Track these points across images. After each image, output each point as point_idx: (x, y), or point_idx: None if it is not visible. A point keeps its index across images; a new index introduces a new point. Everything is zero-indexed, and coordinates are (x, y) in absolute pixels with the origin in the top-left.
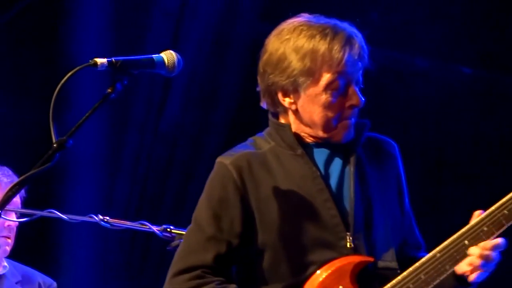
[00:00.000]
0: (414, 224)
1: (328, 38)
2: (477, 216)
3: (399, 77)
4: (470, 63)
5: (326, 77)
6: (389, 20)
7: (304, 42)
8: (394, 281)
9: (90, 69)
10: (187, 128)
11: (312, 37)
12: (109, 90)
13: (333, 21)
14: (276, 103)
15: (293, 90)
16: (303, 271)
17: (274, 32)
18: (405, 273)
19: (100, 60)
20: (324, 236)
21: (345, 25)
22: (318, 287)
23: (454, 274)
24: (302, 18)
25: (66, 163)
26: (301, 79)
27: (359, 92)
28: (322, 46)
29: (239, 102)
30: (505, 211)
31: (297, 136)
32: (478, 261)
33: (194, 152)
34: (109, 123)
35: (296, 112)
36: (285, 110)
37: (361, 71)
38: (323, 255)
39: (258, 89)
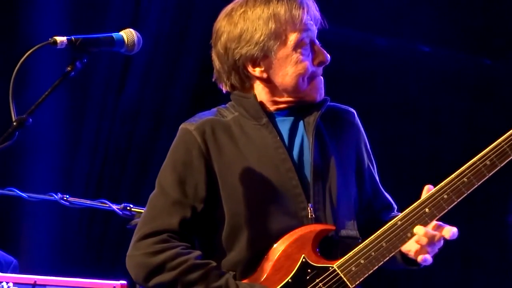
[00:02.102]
0: (379, 188)
1: (284, 2)
2: (427, 190)
3: (358, 55)
4: (428, 41)
5: (293, 37)
6: None
7: (263, 9)
8: (356, 249)
9: (49, 47)
10: (147, 107)
11: (268, 2)
12: (69, 68)
13: None
14: (244, 78)
15: (263, 56)
16: (264, 240)
17: (222, 16)
18: (367, 241)
19: (59, 38)
20: (286, 205)
21: None
22: (281, 255)
23: (400, 252)
24: None
25: (25, 141)
26: (270, 43)
27: (324, 50)
28: (281, 8)
29: (199, 81)
30: (465, 179)
31: (261, 106)
32: (424, 240)
33: (154, 131)
34: (69, 101)
35: (267, 81)
36: (251, 85)
37: (317, 31)
38: (285, 225)
39: (214, 78)
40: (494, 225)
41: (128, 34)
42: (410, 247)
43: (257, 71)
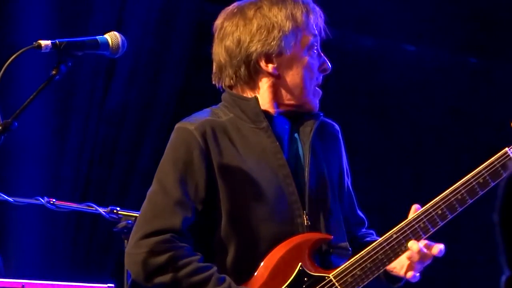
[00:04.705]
0: (355, 202)
1: (300, 5)
2: (414, 210)
3: (344, 56)
4: (413, 40)
5: (307, 39)
6: None
7: (280, 8)
8: (352, 260)
9: (34, 51)
10: (132, 110)
11: (284, 2)
12: (54, 72)
13: None
14: (253, 73)
15: (278, 53)
16: (259, 245)
17: (231, 13)
18: (363, 253)
19: (44, 42)
20: (282, 211)
21: None
22: (278, 262)
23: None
24: None
25: (11, 145)
26: (287, 39)
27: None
28: (297, 10)
29: (184, 83)
30: (458, 196)
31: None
32: (416, 257)
33: (140, 134)
34: (54, 104)
35: (277, 77)
36: (259, 79)
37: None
38: (280, 230)
39: (214, 71)
40: (480, 223)
41: (112, 37)
42: (395, 264)
43: (269, 67)
